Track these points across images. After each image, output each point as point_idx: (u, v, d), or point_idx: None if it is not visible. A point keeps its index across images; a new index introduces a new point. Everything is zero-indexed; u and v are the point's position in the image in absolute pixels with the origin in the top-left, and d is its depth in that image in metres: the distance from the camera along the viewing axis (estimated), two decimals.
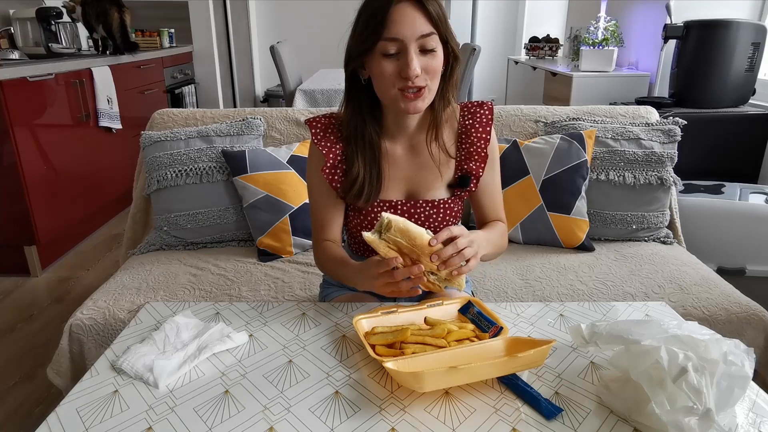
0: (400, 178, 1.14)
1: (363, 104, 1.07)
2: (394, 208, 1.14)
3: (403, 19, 0.95)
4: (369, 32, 0.97)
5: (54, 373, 1.36)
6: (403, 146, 1.13)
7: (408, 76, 0.97)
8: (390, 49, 0.97)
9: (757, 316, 1.39)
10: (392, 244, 0.95)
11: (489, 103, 1.16)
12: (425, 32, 0.97)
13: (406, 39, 0.96)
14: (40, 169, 2.62)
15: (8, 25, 3.32)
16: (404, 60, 0.97)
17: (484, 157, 1.15)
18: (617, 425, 0.78)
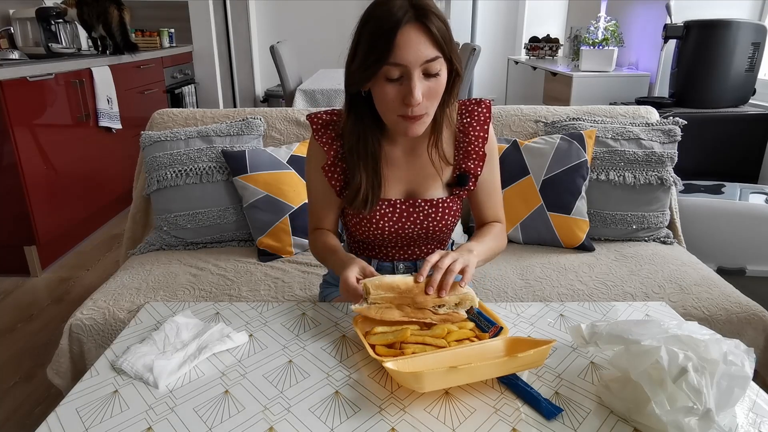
0: (399, 178, 1.15)
1: (365, 116, 1.07)
2: (392, 206, 1.14)
3: (409, 45, 0.93)
4: (374, 58, 0.95)
5: (54, 373, 1.36)
6: (403, 148, 1.14)
7: (410, 103, 0.96)
8: (394, 75, 0.95)
9: (757, 316, 1.39)
10: (382, 302, 0.95)
11: (487, 102, 1.15)
12: (430, 57, 0.95)
13: (410, 65, 0.94)
14: (40, 169, 2.62)
15: (8, 25, 3.32)
16: (407, 86, 0.95)
17: (482, 156, 1.15)
18: (617, 425, 0.77)
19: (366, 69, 0.96)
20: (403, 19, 0.92)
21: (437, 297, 0.95)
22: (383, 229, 1.15)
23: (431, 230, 1.16)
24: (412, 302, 0.95)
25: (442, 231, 1.17)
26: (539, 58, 4.67)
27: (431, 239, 1.19)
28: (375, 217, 1.14)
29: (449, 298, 0.96)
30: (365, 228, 1.16)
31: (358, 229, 1.18)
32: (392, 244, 1.19)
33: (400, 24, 0.92)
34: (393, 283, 0.96)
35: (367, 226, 1.15)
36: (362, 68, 0.97)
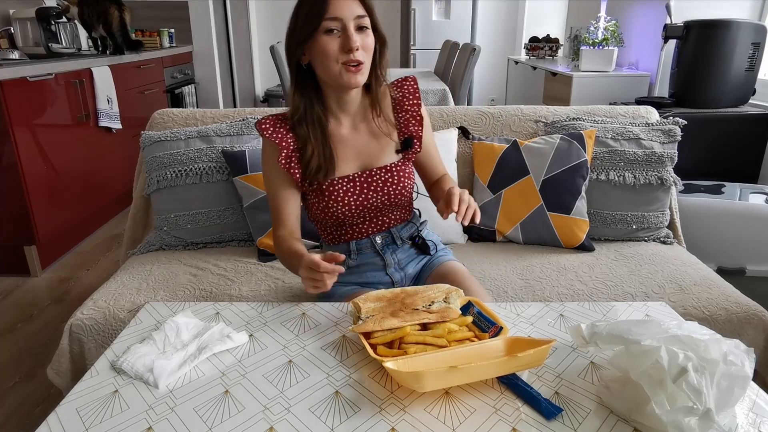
0: (351, 154, 1.26)
1: (308, 87, 1.20)
2: (352, 181, 1.24)
3: (342, 2, 1.11)
4: (312, 15, 1.10)
5: (54, 373, 1.36)
6: (348, 125, 1.26)
7: (351, 48, 1.11)
8: (332, 26, 1.11)
9: (757, 316, 1.39)
10: (375, 314, 0.96)
11: (411, 77, 1.33)
12: (360, 14, 1.13)
13: (345, 18, 1.11)
14: (40, 169, 2.62)
15: (8, 25, 3.32)
16: (345, 36, 1.11)
17: (420, 119, 1.30)
18: (617, 425, 0.78)
19: (306, 27, 1.11)
20: None
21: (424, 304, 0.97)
22: (349, 205, 1.24)
23: (392, 195, 1.27)
24: (402, 306, 0.96)
25: (402, 194, 1.28)
26: (539, 58, 4.67)
27: (395, 205, 1.29)
28: (339, 194, 1.23)
29: (436, 294, 0.98)
30: (332, 208, 1.24)
31: (326, 213, 1.26)
32: (361, 218, 1.28)
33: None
34: (378, 293, 1.00)
35: (334, 206, 1.24)
36: (304, 27, 1.12)
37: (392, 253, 1.32)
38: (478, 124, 1.88)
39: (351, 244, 1.31)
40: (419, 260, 1.37)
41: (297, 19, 1.14)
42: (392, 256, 1.32)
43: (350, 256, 1.30)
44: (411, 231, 1.35)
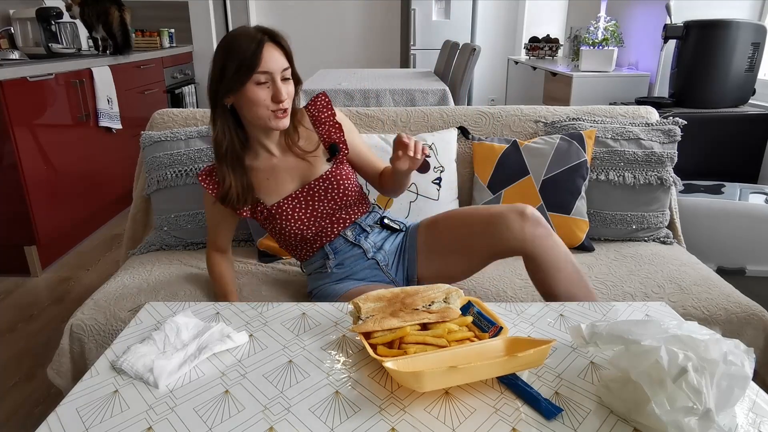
0: (288, 176, 1.36)
1: (230, 124, 1.29)
2: (295, 199, 1.35)
3: (271, 57, 1.21)
4: (245, 69, 1.19)
5: (54, 373, 1.36)
6: (278, 152, 1.35)
7: (280, 99, 1.23)
8: (262, 80, 1.21)
9: (757, 316, 1.39)
10: (375, 314, 0.96)
11: (322, 93, 1.43)
12: (285, 66, 1.24)
13: (274, 72, 1.22)
14: (40, 169, 2.62)
15: (8, 25, 3.32)
16: (275, 87, 1.22)
17: (338, 126, 1.39)
18: (617, 425, 0.78)
19: (239, 79, 1.20)
20: (263, 40, 1.21)
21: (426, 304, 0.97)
22: (301, 220, 1.35)
23: (338, 198, 1.36)
24: (402, 306, 0.96)
25: (347, 195, 1.37)
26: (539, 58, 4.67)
27: (347, 204, 1.38)
28: (288, 213, 1.34)
29: (436, 294, 0.98)
30: (287, 227, 1.34)
31: (285, 233, 1.36)
32: (320, 226, 1.37)
33: (262, 44, 1.20)
34: (378, 294, 1.00)
35: (288, 225, 1.34)
36: (235, 79, 1.20)
37: (366, 239, 1.40)
38: (478, 124, 1.88)
39: (325, 248, 1.39)
40: (395, 237, 1.43)
41: (225, 69, 1.21)
42: (367, 241, 1.40)
43: (328, 258, 1.38)
44: (375, 218, 1.44)
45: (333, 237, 1.38)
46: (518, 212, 1.25)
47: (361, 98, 3.37)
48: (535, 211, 1.26)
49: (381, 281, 1.40)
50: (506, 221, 1.25)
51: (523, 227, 1.24)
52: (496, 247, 1.29)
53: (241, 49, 1.19)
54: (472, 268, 1.38)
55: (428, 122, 1.88)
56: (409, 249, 1.41)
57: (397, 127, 1.88)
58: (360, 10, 5.94)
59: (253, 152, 1.35)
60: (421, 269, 1.39)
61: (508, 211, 1.26)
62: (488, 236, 1.28)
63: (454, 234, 1.35)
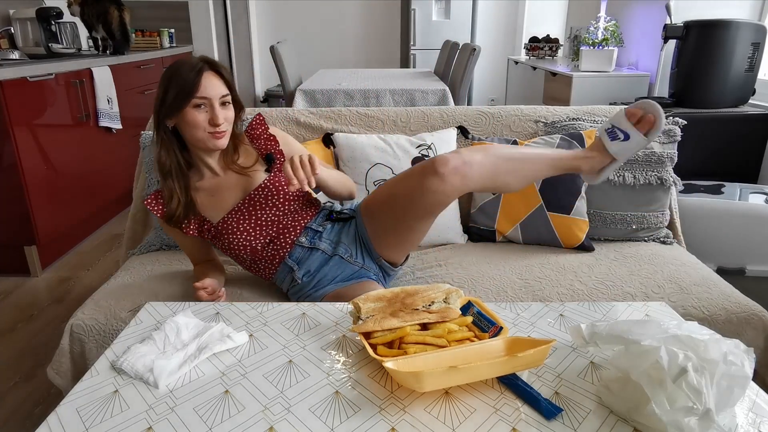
0: (230, 192, 1.40)
1: (173, 144, 1.36)
2: (238, 211, 1.38)
3: (208, 84, 1.30)
4: (184, 95, 1.28)
5: (54, 373, 1.36)
6: (219, 169, 1.41)
7: (216, 123, 1.30)
8: (200, 103, 1.29)
9: (757, 316, 1.39)
10: (375, 314, 0.96)
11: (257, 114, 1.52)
12: (224, 93, 1.33)
13: (212, 98, 1.30)
14: (40, 169, 2.62)
15: (8, 25, 3.32)
16: (212, 112, 1.30)
17: (271, 139, 1.46)
18: (617, 425, 0.78)
19: (179, 103, 1.28)
20: (202, 69, 1.30)
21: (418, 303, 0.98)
22: (247, 231, 1.38)
23: (280, 204, 1.39)
24: (402, 306, 0.96)
25: (288, 200, 1.40)
26: (539, 58, 4.67)
27: (292, 210, 1.41)
28: (233, 226, 1.38)
29: (436, 294, 0.98)
30: (236, 242, 1.38)
31: (237, 249, 1.39)
32: (269, 236, 1.39)
33: (201, 72, 1.29)
34: (379, 293, 1.00)
35: (236, 239, 1.38)
36: (175, 103, 1.28)
37: (321, 239, 1.41)
38: (478, 124, 1.88)
39: (286, 261, 1.40)
40: (349, 225, 1.44)
41: (167, 94, 1.29)
42: (326, 241, 1.41)
43: (293, 270, 1.39)
44: (325, 214, 1.46)
45: (289, 248, 1.39)
46: (433, 173, 1.23)
47: (361, 98, 3.37)
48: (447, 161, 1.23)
49: (352, 273, 1.38)
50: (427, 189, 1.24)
51: (444, 185, 1.23)
52: (433, 209, 1.29)
53: (182, 76, 1.29)
54: (422, 229, 1.36)
55: (428, 122, 1.88)
56: (362, 232, 1.41)
57: (397, 127, 1.88)
58: (360, 10, 5.94)
59: (198, 172, 1.41)
60: (380, 248, 1.39)
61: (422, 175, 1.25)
62: (420, 207, 1.27)
63: (390, 213, 1.35)
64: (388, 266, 1.42)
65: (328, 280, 1.38)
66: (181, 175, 1.38)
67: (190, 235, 1.41)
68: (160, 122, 1.33)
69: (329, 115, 1.90)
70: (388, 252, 1.40)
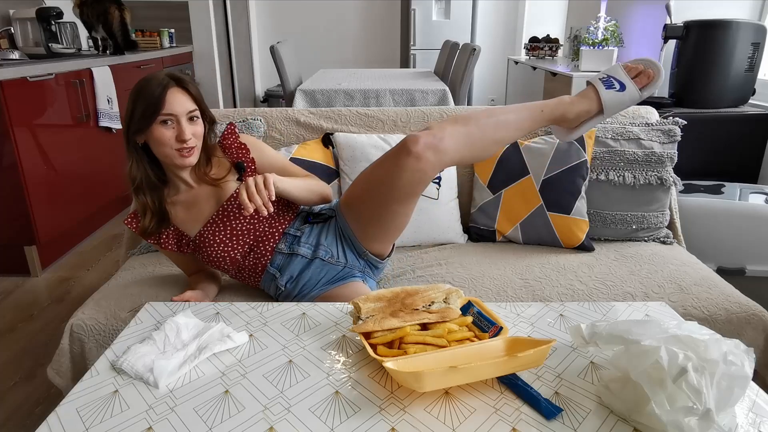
0: (204, 204, 1.38)
1: (144, 160, 1.35)
2: (213, 223, 1.37)
3: (174, 100, 1.28)
4: (150, 111, 1.26)
5: (54, 373, 1.36)
6: (192, 182, 1.39)
7: (183, 139, 1.28)
8: (167, 119, 1.27)
9: (757, 316, 1.39)
10: (375, 314, 0.96)
11: (229, 123, 1.49)
12: (191, 109, 1.31)
13: (178, 114, 1.28)
14: (40, 169, 2.62)
15: (8, 25, 3.32)
16: (179, 128, 1.28)
17: (242, 147, 1.43)
18: (617, 425, 0.78)
19: (145, 120, 1.27)
20: (168, 85, 1.28)
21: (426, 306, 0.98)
22: (224, 242, 1.36)
23: (255, 215, 1.37)
24: (402, 306, 0.96)
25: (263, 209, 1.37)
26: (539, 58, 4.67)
27: (269, 217, 1.39)
28: (209, 238, 1.36)
29: (436, 294, 0.98)
30: (214, 253, 1.36)
31: (216, 260, 1.37)
32: (247, 244, 1.38)
33: (167, 88, 1.28)
34: (379, 294, 1.00)
35: (214, 251, 1.36)
36: (142, 120, 1.27)
37: (301, 244, 1.39)
38: None
39: (268, 269, 1.39)
40: (328, 226, 1.42)
41: (134, 111, 1.29)
42: (305, 245, 1.39)
43: (276, 277, 1.39)
44: (302, 218, 1.44)
45: (270, 255, 1.38)
46: (406, 154, 1.22)
47: (361, 98, 3.37)
48: (417, 139, 1.21)
49: (336, 274, 1.38)
50: (404, 169, 1.23)
51: (419, 163, 1.21)
52: (413, 189, 1.27)
53: (148, 93, 1.28)
54: (406, 212, 1.35)
55: (428, 122, 1.88)
56: (344, 229, 1.39)
57: (397, 127, 1.88)
58: (360, 10, 5.94)
59: (174, 187, 1.40)
60: (365, 241, 1.38)
61: (397, 158, 1.24)
62: (399, 189, 1.26)
63: (370, 202, 1.33)
64: (375, 259, 1.40)
65: (312, 284, 1.38)
66: (152, 188, 1.36)
67: (169, 250, 1.40)
68: (130, 138, 1.32)
69: (329, 115, 1.90)
70: (374, 244, 1.38)
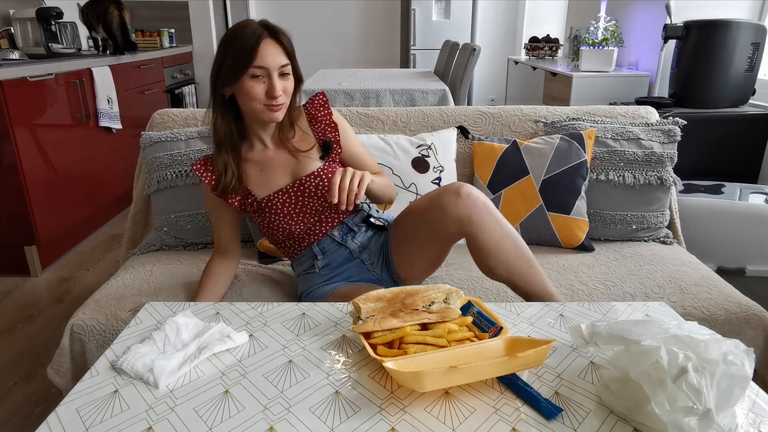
0: (280, 170, 1.36)
1: (229, 114, 1.32)
2: (285, 193, 1.35)
3: (268, 53, 1.23)
4: (241, 63, 1.21)
5: (54, 373, 1.36)
6: (272, 146, 1.37)
7: (273, 95, 1.24)
8: (258, 74, 1.23)
9: (757, 316, 1.39)
10: (375, 314, 0.96)
11: (320, 93, 1.43)
12: (283, 63, 1.25)
13: (270, 68, 1.23)
14: (40, 169, 2.62)
15: (8, 25, 3.32)
16: (270, 83, 1.24)
17: (334, 125, 1.40)
18: (617, 425, 0.78)
19: (235, 72, 1.22)
20: (261, 35, 1.23)
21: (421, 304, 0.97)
22: (290, 215, 1.35)
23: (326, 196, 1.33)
24: (402, 306, 0.96)
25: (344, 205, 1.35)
26: (539, 58, 4.67)
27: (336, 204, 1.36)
28: (277, 207, 1.35)
29: (436, 294, 0.98)
30: (275, 222, 1.35)
31: (273, 228, 1.37)
32: (309, 223, 1.37)
33: (260, 39, 1.22)
34: (379, 293, 1.00)
35: (276, 219, 1.35)
36: (232, 72, 1.23)
37: (353, 239, 1.41)
38: (477, 124, 1.88)
39: (313, 247, 1.40)
40: (379, 235, 1.43)
41: (224, 62, 1.24)
42: (354, 241, 1.40)
43: (317, 258, 1.40)
44: (362, 216, 1.44)
45: (320, 236, 1.39)
46: (454, 192, 1.22)
47: (361, 98, 3.37)
48: (472, 190, 1.22)
49: (367, 280, 1.39)
50: (443, 204, 1.23)
51: (458, 208, 1.20)
52: (440, 233, 1.26)
53: (240, 43, 1.22)
54: (434, 258, 1.35)
55: (428, 122, 1.88)
56: (387, 247, 1.41)
57: (397, 127, 1.88)
58: (360, 10, 5.94)
59: (249, 143, 1.38)
60: (398, 267, 1.39)
61: (445, 193, 1.24)
62: (432, 223, 1.26)
63: (410, 227, 1.34)
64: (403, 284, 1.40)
65: (342, 279, 1.39)
66: (233, 146, 1.33)
67: (234, 207, 1.37)
68: (216, 90, 1.28)
69: None
70: (404, 272, 1.39)
